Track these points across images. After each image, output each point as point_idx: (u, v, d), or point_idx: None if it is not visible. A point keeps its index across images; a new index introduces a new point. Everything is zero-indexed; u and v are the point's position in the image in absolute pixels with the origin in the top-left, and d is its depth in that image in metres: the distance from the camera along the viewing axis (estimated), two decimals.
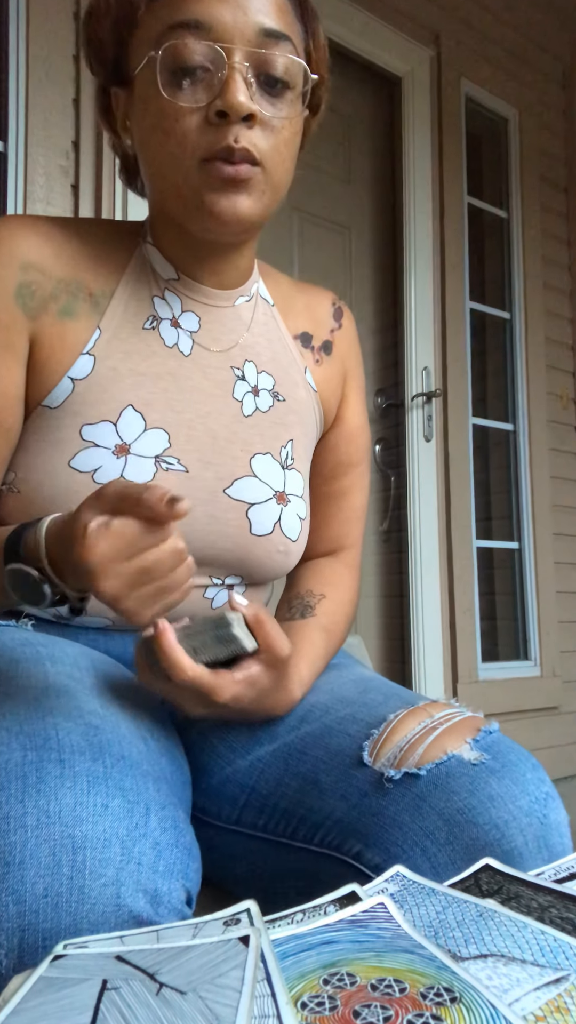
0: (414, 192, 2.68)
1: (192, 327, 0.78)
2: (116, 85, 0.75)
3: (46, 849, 0.49)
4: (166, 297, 0.78)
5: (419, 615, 2.54)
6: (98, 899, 0.48)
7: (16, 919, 0.47)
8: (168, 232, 0.77)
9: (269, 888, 0.70)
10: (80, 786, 0.52)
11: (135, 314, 0.76)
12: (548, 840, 0.60)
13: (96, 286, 0.75)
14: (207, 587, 0.79)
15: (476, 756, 0.62)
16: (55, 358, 0.73)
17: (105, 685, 0.67)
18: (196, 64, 0.66)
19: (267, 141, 0.68)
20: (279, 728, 0.72)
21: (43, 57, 1.90)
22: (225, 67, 0.66)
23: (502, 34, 3.01)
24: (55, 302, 0.73)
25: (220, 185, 0.68)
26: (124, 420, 0.73)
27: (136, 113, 0.72)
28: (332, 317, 0.92)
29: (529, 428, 2.96)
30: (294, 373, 0.85)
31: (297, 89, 0.71)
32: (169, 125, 0.67)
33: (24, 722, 0.57)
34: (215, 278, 0.79)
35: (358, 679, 0.76)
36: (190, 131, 0.67)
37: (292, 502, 0.81)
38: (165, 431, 0.75)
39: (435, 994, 0.30)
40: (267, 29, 0.67)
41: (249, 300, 0.83)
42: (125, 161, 0.83)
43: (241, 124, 0.66)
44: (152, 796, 0.54)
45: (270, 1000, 0.30)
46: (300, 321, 0.88)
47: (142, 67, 0.69)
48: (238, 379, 0.80)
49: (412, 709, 0.67)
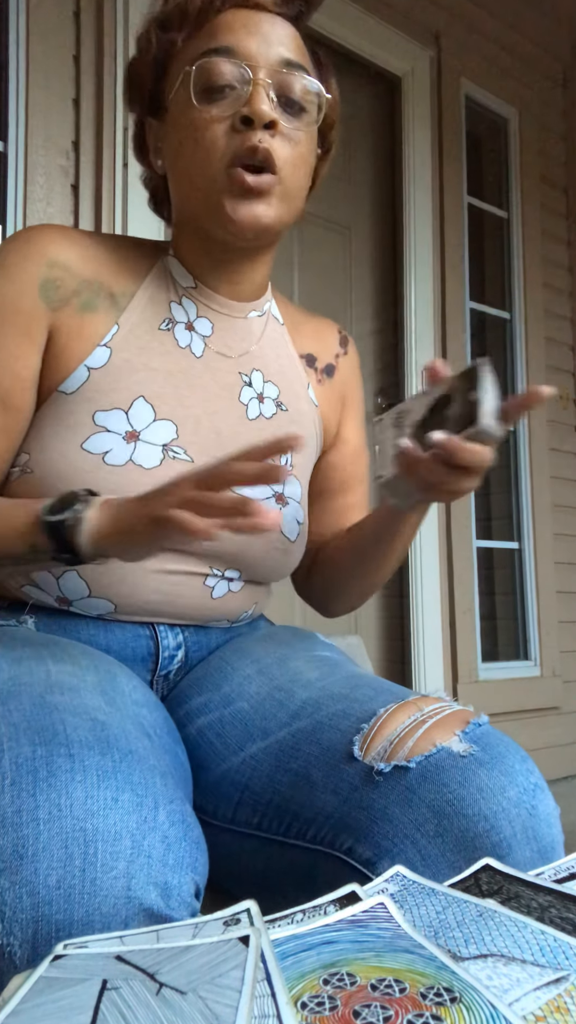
0: (414, 192, 2.68)
1: (205, 332, 0.84)
2: (151, 116, 0.83)
3: (58, 842, 0.49)
4: (183, 303, 0.83)
5: (419, 615, 2.54)
6: (109, 891, 0.49)
7: (30, 911, 0.48)
8: (190, 241, 0.83)
9: (265, 887, 0.70)
10: (90, 780, 0.52)
11: (153, 315, 0.82)
12: (537, 831, 0.60)
13: (117, 288, 0.81)
14: (207, 576, 0.80)
15: (465, 748, 0.62)
16: (73, 347, 0.78)
17: (107, 683, 0.67)
18: (225, 82, 0.75)
19: (286, 150, 0.75)
20: (271, 725, 0.73)
21: (43, 57, 1.90)
22: (250, 83, 0.74)
23: (502, 34, 3.01)
24: (77, 297, 0.79)
25: (241, 192, 0.74)
26: (135, 409, 0.77)
27: (169, 132, 0.80)
28: (339, 344, 0.98)
29: (529, 428, 2.96)
30: (298, 387, 0.90)
31: (312, 115, 0.78)
32: (199, 134, 0.75)
33: (31, 718, 0.57)
34: (231, 288, 0.84)
35: (349, 676, 0.77)
36: (218, 138, 0.74)
37: (291, 505, 0.85)
38: (173, 423, 0.79)
39: (435, 994, 0.30)
40: (288, 59, 0.76)
41: (261, 315, 0.88)
42: (154, 192, 0.90)
43: (264, 131, 0.74)
44: (160, 790, 0.55)
45: (270, 1000, 0.30)
46: (307, 343, 0.94)
47: (177, 87, 0.77)
48: (245, 384, 0.85)
49: (402, 703, 0.68)
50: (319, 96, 0.79)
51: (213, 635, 0.87)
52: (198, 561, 0.79)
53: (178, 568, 0.78)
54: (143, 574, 0.77)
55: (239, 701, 0.77)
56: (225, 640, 0.88)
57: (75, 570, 0.76)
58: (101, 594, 0.77)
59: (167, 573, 0.78)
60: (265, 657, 0.82)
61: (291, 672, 0.78)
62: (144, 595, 0.78)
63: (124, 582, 0.76)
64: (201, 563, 0.79)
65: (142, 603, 0.78)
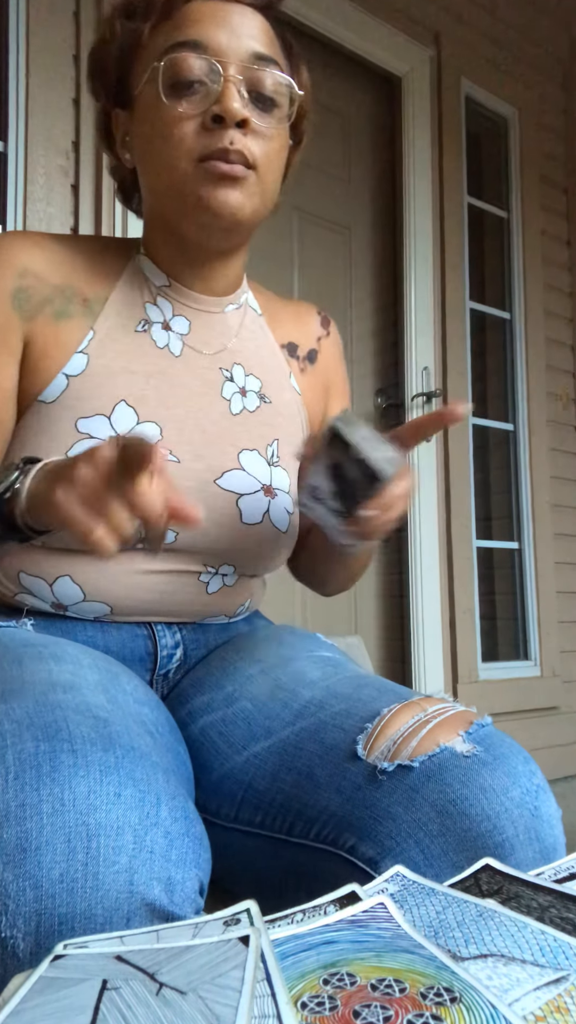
0: (414, 192, 2.68)
1: (182, 330, 0.83)
2: (118, 107, 0.81)
3: (61, 836, 0.49)
4: (158, 303, 0.82)
5: (419, 615, 2.54)
6: (112, 886, 0.49)
7: (33, 903, 0.48)
8: (162, 239, 0.82)
9: (267, 885, 0.70)
10: (93, 775, 0.52)
11: (128, 318, 0.81)
12: (539, 832, 0.60)
13: (91, 292, 0.80)
14: (201, 573, 0.81)
15: (468, 748, 0.63)
16: (50, 356, 0.77)
17: (109, 682, 0.68)
18: (194, 78, 0.73)
19: (259, 147, 0.74)
20: (275, 724, 0.73)
21: (43, 57, 1.90)
22: (220, 79, 0.72)
23: (502, 34, 3.01)
24: (50, 305, 0.78)
25: (215, 180, 0.73)
26: (117, 414, 0.77)
27: (137, 126, 0.78)
28: (320, 325, 0.97)
29: (529, 428, 2.96)
30: (280, 377, 0.89)
31: (284, 110, 0.77)
32: (168, 131, 0.73)
33: (34, 715, 0.58)
34: (205, 284, 0.83)
35: (353, 676, 0.77)
36: (187, 135, 0.73)
37: (279, 496, 0.84)
38: (157, 424, 0.79)
39: (435, 994, 0.30)
40: (258, 53, 0.74)
41: (238, 308, 0.87)
42: (122, 183, 0.87)
43: (235, 130, 0.72)
44: (162, 786, 0.55)
45: (270, 1000, 0.30)
46: (287, 331, 0.93)
47: (145, 82, 0.75)
48: (226, 379, 0.84)
49: (406, 703, 0.68)
50: (290, 89, 0.77)
51: (211, 633, 0.87)
52: (191, 559, 0.79)
53: (172, 567, 0.78)
54: (137, 575, 0.77)
55: (242, 700, 0.77)
56: (224, 638, 0.88)
57: (68, 575, 0.76)
58: (96, 598, 0.77)
59: (161, 573, 0.78)
60: (268, 657, 0.82)
61: (294, 672, 0.78)
62: (139, 595, 0.78)
63: (118, 584, 0.76)
64: (194, 561, 0.80)
65: (138, 603, 0.78)
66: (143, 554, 0.77)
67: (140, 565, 0.76)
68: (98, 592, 0.76)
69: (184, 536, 0.77)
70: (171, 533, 0.76)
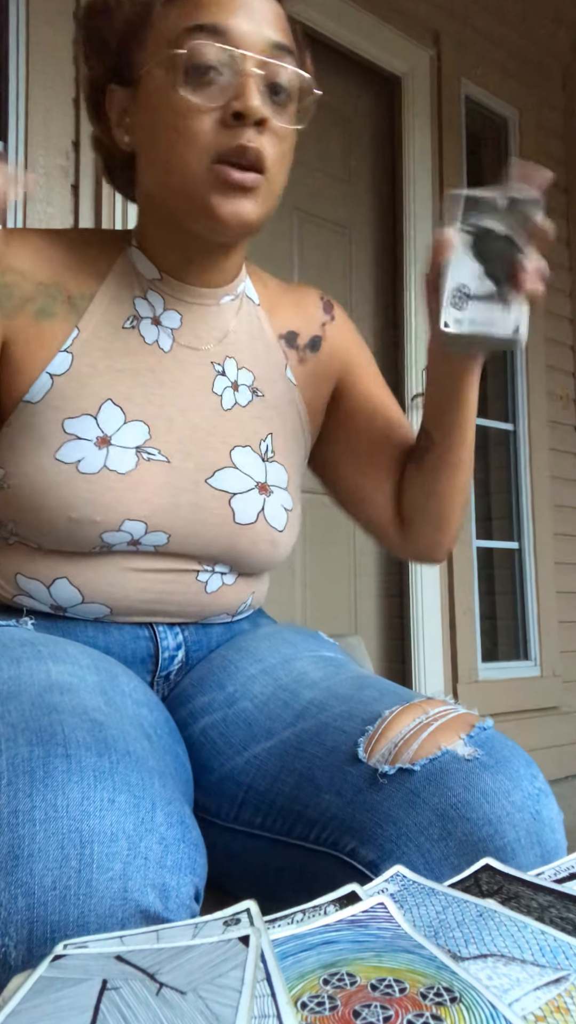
0: (414, 192, 2.68)
1: (173, 324, 0.80)
2: (115, 82, 0.76)
3: (54, 843, 0.49)
4: (148, 297, 0.80)
5: (419, 615, 2.54)
6: (105, 893, 0.48)
7: (25, 911, 0.47)
8: (159, 231, 0.79)
9: (266, 887, 0.70)
10: (87, 781, 0.52)
11: (116, 315, 0.78)
12: (541, 836, 0.60)
13: (76, 289, 0.78)
14: (199, 571, 0.80)
15: (470, 752, 0.62)
16: (32, 355, 0.75)
17: (108, 684, 0.67)
18: (213, 66, 0.69)
19: (274, 148, 0.71)
20: (276, 725, 0.73)
21: (43, 57, 1.90)
22: (241, 71, 0.69)
23: (502, 34, 3.01)
24: (32, 303, 0.76)
25: (227, 189, 0.70)
26: (104, 413, 0.75)
27: (141, 110, 0.74)
28: (322, 311, 0.93)
29: (529, 428, 2.96)
30: (274, 370, 0.86)
31: (295, 103, 0.74)
32: (182, 123, 0.69)
33: (29, 719, 0.57)
34: (202, 276, 0.80)
35: (355, 676, 0.77)
36: (203, 131, 0.69)
37: (275, 493, 0.82)
38: (145, 423, 0.77)
39: (435, 994, 0.30)
40: (276, 42, 0.71)
41: (234, 299, 0.84)
42: (109, 160, 0.83)
43: (253, 128, 0.69)
44: (158, 792, 0.54)
45: (270, 1000, 0.30)
46: (287, 319, 0.89)
47: (154, 65, 0.71)
48: (218, 374, 0.82)
49: (407, 706, 0.67)
50: (305, 84, 0.74)
51: (213, 634, 0.87)
52: (188, 561, 0.79)
53: (167, 566, 0.78)
54: (133, 574, 0.76)
55: (243, 701, 0.76)
56: (226, 639, 0.88)
57: (65, 577, 0.75)
58: (94, 599, 0.76)
59: (157, 572, 0.77)
60: (269, 657, 0.81)
61: (296, 672, 0.78)
62: (138, 595, 0.77)
63: (115, 585, 0.76)
64: (190, 562, 0.79)
65: (137, 604, 0.78)
66: (140, 553, 0.77)
67: (133, 564, 0.76)
68: (96, 593, 0.76)
69: (176, 539, 0.77)
70: (163, 535, 0.76)
